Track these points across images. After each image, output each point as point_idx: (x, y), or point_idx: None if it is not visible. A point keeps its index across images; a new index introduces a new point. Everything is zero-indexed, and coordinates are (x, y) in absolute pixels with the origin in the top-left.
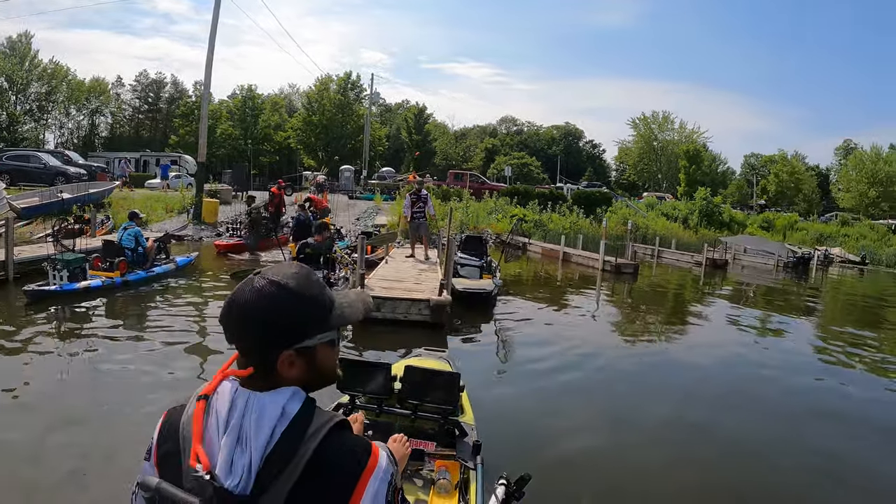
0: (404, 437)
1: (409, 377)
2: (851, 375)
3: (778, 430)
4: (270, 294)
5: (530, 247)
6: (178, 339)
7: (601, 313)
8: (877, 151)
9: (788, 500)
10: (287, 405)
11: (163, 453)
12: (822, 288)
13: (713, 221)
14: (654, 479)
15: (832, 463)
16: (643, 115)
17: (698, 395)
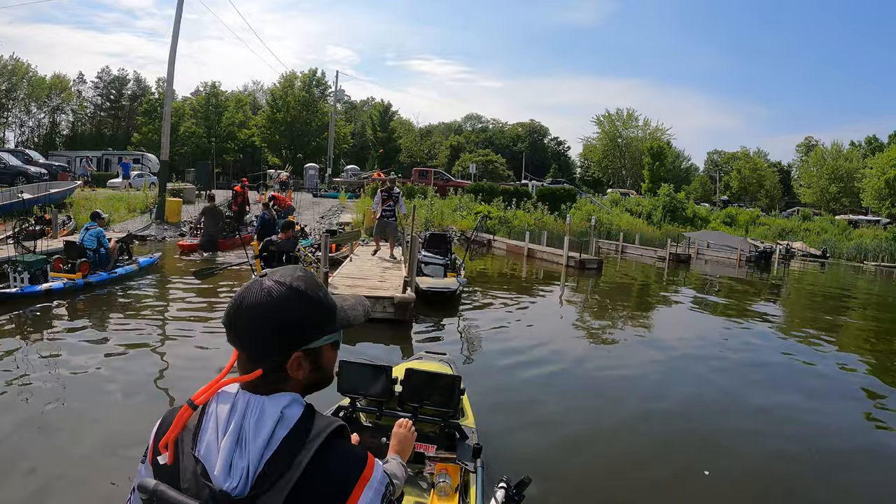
0: (409, 422)
1: (409, 380)
2: (812, 359)
3: (743, 415)
4: (281, 295)
5: (495, 243)
6: (142, 342)
7: (566, 309)
8: (837, 148)
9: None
10: (287, 409)
11: (159, 453)
12: (784, 281)
13: (677, 217)
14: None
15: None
16: (607, 113)
17: (681, 390)
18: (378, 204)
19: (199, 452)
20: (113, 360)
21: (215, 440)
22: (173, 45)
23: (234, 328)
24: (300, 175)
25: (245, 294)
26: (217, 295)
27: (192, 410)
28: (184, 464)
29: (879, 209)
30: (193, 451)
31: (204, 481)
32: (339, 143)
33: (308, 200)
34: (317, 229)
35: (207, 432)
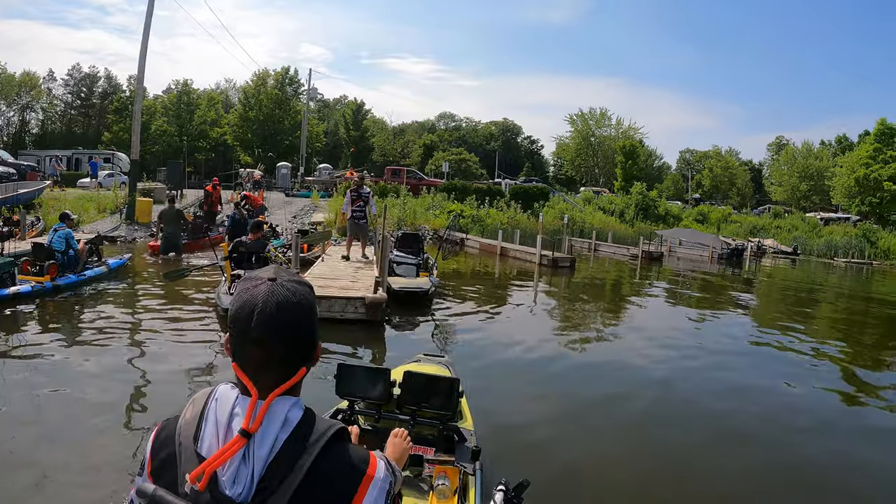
0: (405, 431)
1: (408, 382)
2: (781, 355)
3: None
4: (308, 295)
5: (468, 242)
6: (113, 347)
7: (541, 308)
8: (808, 147)
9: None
10: (289, 413)
11: (158, 463)
12: (756, 277)
13: (649, 215)
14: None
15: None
16: (581, 112)
17: (676, 387)
18: (348, 204)
19: (202, 455)
20: (83, 366)
21: (216, 445)
22: (144, 41)
23: (256, 337)
24: (272, 174)
25: (263, 300)
26: (187, 297)
27: (246, 440)
28: (183, 470)
29: (849, 207)
30: (197, 451)
31: (210, 487)
32: (312, 142)
33: (280, 200)
34: (289, 229)
35: (208, 437)
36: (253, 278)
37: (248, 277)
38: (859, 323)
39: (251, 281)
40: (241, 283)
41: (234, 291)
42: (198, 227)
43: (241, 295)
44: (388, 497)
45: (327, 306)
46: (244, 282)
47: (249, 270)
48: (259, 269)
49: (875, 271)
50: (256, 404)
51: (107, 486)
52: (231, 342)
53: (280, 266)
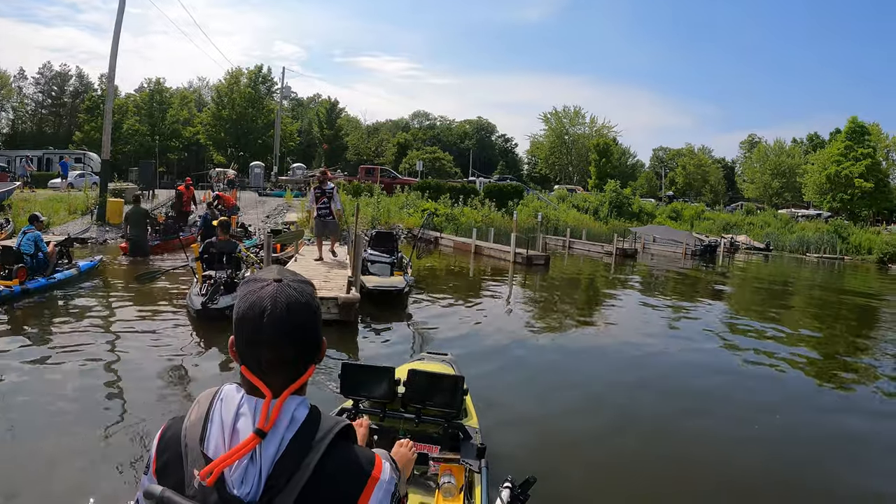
0: (410, 442)
1: (412, 381)
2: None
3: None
4: (307, 299)
5: (442, 241)
6: (84, 351)
7: (515, 305)
8: (780, 145)
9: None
10: (296, 412)
11: (162, 464)
12: (729, 273)
13: (623, 212)
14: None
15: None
16: (554, 110)
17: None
18: (313, 202)
19: (208, 455)
20: (53, 371)
21: (223, 445)
22: (115, 39)
23: (278, 334)
24: (246, 174)
25: (276, 298)
26: (159, 299)
27: (260, 439)
28: (189, 470)
29: (821, 203)
30: (203, 451)
31: (217, 487)
32: (286, 141)
33: (253, 199)
34: (262, 229)
35: (214, 437)
36: (257, 280)
37: (252, 279)
38: (832, 315)
39: (256, 283)
40: (245, 284)
41: (238, 294)
42: (169, 227)
43: (248, 297)
44: (394, 499)
45: None
46: (248, 284)
47: (220, 271)
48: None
49: (847, 266)
50: (270, 404)
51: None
52: (238, 345)
53: (283, 266)
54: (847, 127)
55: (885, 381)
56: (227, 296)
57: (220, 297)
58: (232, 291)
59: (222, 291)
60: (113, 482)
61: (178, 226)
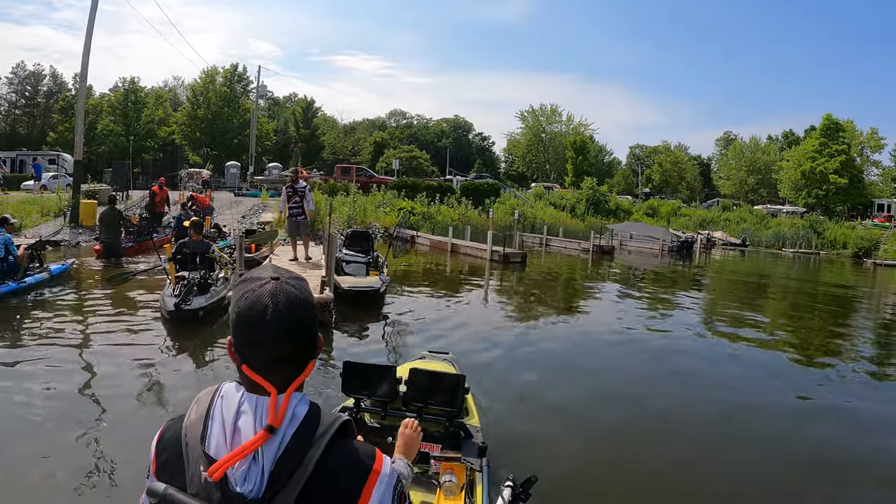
0: (415, 422)
1: (413, 379)
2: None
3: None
4: (306, 296)
5: (419, 239)
6: (54, 356)
7: (492, 302)
8: (756, 142)
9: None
10: (296, 408)
11: (161, 463)
12: (706, 268)
13: (600, 209)
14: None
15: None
16: (531, 108)
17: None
18: (284, 202)
19: (210, 455)
20: (23, 376)
21: (224, 443)
22: (88, 37)
23: (271, 335)
24: (222, 174)
25: (273, 296)
26: (132, 302)
27: (270, 435)
28: (192, 469)
29: (796, 199)
30: (205, 451)
31: (220, 484)
32: (262, 141)
33: (229, 200)
34: (237, 229)
35: (215, 436)
36: (254, 279)
37: (248, 278)
38: (807, 306)
39: (254, 282)
40: (242, 284)
41: (235, 292)
42: (143, 228)
43: (247, 296)
44: (396, 492)
45: None
46: (245, 283)
47: (194, 272)
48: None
49: (822, 260)
50: (277, 399)
51: None
52: (238, 345)
53: (276, 267)
54: (822, 124)
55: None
56: (201, 297)
57: (193, 297)
58: (205, 292)
59: (195, 292)
60: (82, 487)
61: (153, 227)
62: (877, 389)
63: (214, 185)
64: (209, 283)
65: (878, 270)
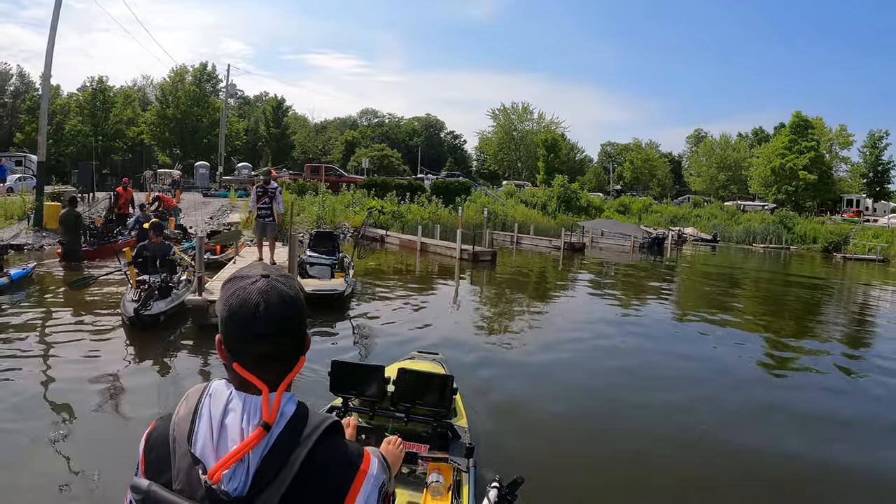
0: (398, 439)
1: (402, 380)
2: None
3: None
4: (296, 293)
5: (388, 239)
6: (11, 365)
7: (461, 303)
8: (726, 139)
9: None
10: (284, 407)
11: (149, 461)
12: (677, 264)
13: (571, 207)
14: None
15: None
16: (503, 106)
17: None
18: (254, 203)
19: (195, 452)
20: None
21: (210, 441)
22: (51, 35)
23: (273, 327)
24: (191, 174)
25: (268, 293)
26: (93, 307)
27: (266, 432)
28: (178, 465)
29: (766, 195)
30: (191, 450)
31: (205, 478)
32: (232, 140)
33: (198, 200)
34: (205, 230)
35: (202, 434)
36: (244, 277)
37: (237, 277)
38: (778, 300)
39: (244, 280)
40: (232, 282)
41: (224, 291)
42: (106, 231)
43: (238, 293)
44: (381, 492)
45: None
46: (235, 281)
47: (155, 276)
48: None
49: (792, 255)
50: (269, 397)
51: None
52: (228, 342)
53: (265, 265)
54: (791, 121)
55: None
56: (162, 301)
57: (153, 302)
58: (166, 296)
59: (156, 297)
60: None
61: (116, 229)
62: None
63: (183, 185)
64: (170, 287)
65: (847, 264)
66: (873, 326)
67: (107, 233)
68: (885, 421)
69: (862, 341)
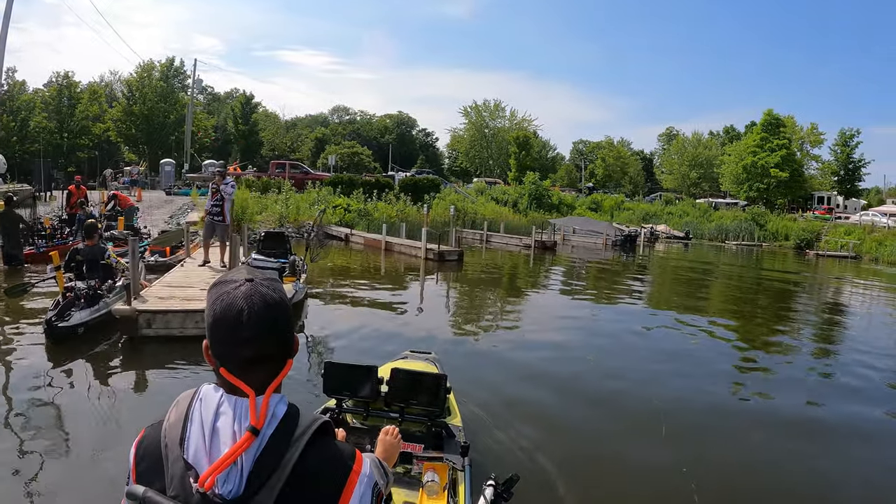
0: (395, 429)
1: (395, 379)
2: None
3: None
4: (281, 296)
5: (353, 238)
6: None
7: (425, 306)
8: (698, 137)
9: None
10: (275, 409)
11: (141, 470)
12: (650, 261)
13: (543, 204)
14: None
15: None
16: (475, 104)
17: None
18: (209, 200)
19: (188, 457)
20: None
21: (203, 445)
22: (4, 27)
23: (259, 330)
24: (157, 172)
25: (252, 296)
26: (27, 316)
27: (255, 436)
28: (171, 471)
29: (738, 193)
30: (183, 456)
31: (196, 486)
32: (200, 137)
33: (161, 199)
34: (150, 231)
35: (194, 438)
36: (228, 282)
37: (222, 281)
38: (751, 298)
39: (227, 284)
40: (216, 288)
41: (209, 297)
42: (56, 232)
43: (222, 298)
44: (375, 492)
45: (164, 323)
46: (219, 287)
47: (90, 280)
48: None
49: (765, 252)
50: (257, 401)
51: None
52: (215, 347)
53: (250, 269)
54: (763, 119)
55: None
56: (86, 310)
57: (75, 311)
58: (93, 304)
59: (82, 305)
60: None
61: (68, 230)
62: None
63: (144, 183)
64: (99, 295)
65: (820, 261)
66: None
67: (56, 234)
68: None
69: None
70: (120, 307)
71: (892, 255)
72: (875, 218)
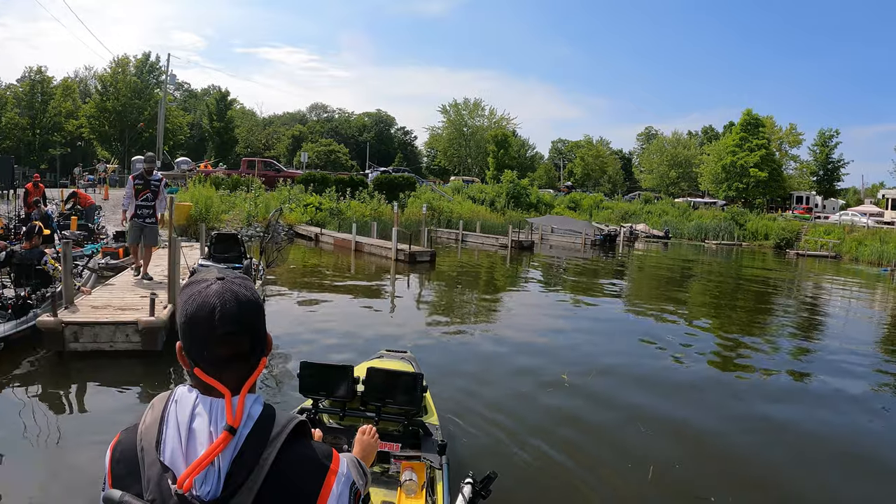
0: (373, 428)
1: (371, 379)
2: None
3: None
4: (253, 294)
5: (322, 237)
6: None
7: (396, 311)
8: (677, 137)
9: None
10: (251, 409)
11: (117, 474)
12: (629, 261)
13: (521, 203)
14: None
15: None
16: (454, 102)
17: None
18: (130, 199)
19: (165, 460)
20: None
21: (179, 447)
22: None
23: (233, 328)
24: (128, 169)
25: (225, 294)
26: None
27: (232, 436)
28: (148, 474)
29: (717, 192)
30: (160, 458)
31: (175, 488)
32: (175, 134)
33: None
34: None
35: (170, 440)
36: (199, 281)
37: (192, 282)
38: (730, 294)
39: (198, 284)
40: (187, 288)
41: (180, 298)
42: (8, 233)
43: (194, 298)
44: (353, 491)
45: (93, 336)
46: (190, 287)
47: (18, 289)
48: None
49: (744, 251)
50: (232, 401)
51: None
52: (189, 347)
53: (221, 268)
54: (742, 119)
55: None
56: (9, 323)
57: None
58: (21, 314)
59: (8, 316)
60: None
61: (23, 230)
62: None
63: (115, 180)
64: (29, 305)
65: (800, 261)
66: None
67: (11, 235)
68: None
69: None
70: (44, 318)
71: (872, 255)
72: (855, 218)
